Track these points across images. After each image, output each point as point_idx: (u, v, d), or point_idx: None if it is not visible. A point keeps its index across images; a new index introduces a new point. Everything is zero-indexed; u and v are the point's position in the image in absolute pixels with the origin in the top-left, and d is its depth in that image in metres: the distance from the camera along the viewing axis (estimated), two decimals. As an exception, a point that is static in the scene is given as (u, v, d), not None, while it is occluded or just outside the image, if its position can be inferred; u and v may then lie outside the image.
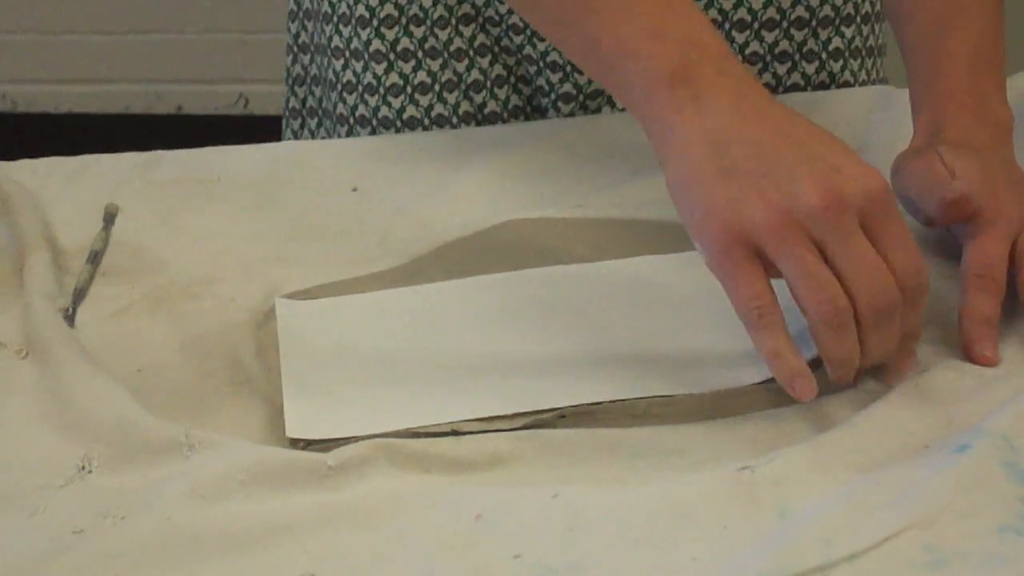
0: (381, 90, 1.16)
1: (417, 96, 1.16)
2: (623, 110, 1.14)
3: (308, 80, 1.24)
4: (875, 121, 1.09)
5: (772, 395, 0.84)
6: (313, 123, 1.24)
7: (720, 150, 0.81)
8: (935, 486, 0.75)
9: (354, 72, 1.17)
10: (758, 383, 0.85)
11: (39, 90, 2.99)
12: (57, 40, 2.95)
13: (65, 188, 1.08)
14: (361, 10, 1.16)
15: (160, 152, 1.12)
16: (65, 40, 2.94)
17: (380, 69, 1.16)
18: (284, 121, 1.28)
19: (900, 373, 0.84)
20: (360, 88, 1.17)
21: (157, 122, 2.95)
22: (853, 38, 1.17)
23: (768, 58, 1.15)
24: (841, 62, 1.17)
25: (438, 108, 1.16)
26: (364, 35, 1.16)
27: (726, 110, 0.82)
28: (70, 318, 0.95)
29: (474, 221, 1.02)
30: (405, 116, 1.16)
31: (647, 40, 0.85)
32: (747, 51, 1.14)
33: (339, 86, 1.19)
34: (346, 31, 1.17)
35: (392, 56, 1.16)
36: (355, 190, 1.07)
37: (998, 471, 0.76)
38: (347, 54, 1.17)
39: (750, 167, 0.81)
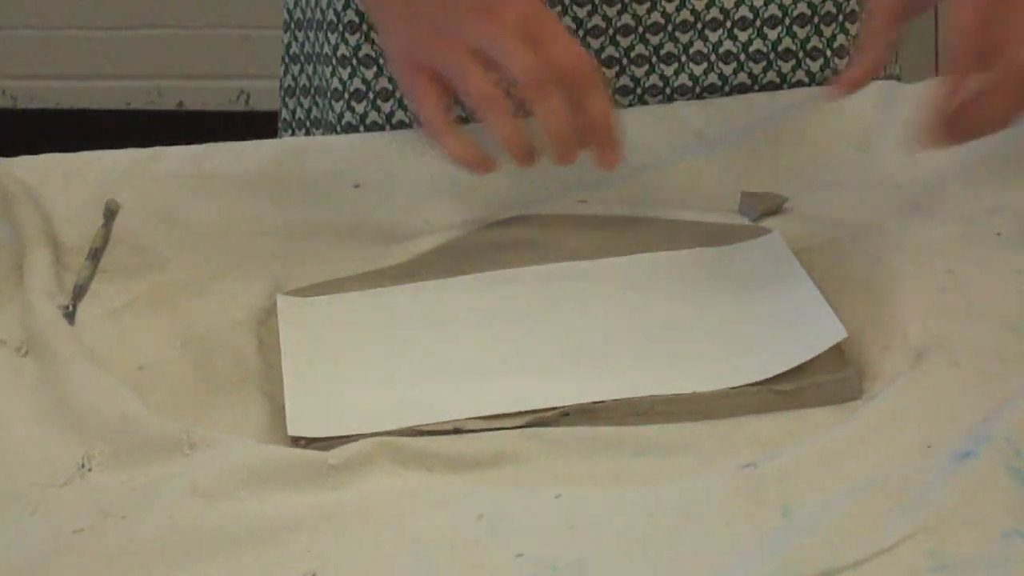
0: (371, 95, 1.16)
1: (406, 100, 1.15)
2: (628, 107, 1.14)
3: (298, 91, 1.24)
4: (882, 116, 1.09)
5: (776, 395, 0.84)
6: (301, 134, 1.24)
7: (411, 5, 0.99)
8: (940, 493, 0.75)
9: (340, 79, 1.17)
10: (762, 383, 0.84)
11: (39, 86, 2.99)
12: (57, 36, 2.95)
13: (65, 185, 1.08)
14: (351, 15, 1.16)
15: (161, 148, 1.12)
16: (65, 36, 2.95)
17: (370, 74, 1.16)
18: (278, 133, 1.27)
19: (603, 159, 0.94)
20: (347, 95, 1.17)
21: (158, 118, 2.96)
22: (858, 35, 1.16)
23: (772, 56, 1.14)
24: (847, 59, 1.16)
25: None
26: (353, 40, 1.16)
27: None
28: (70, 315, 0.95)
29: (477, 217, 1.02)
30: (394, 120, 1.16)
31: None
32: (751, 49, 1.14)
33: (328, 92, 1.19)
34: (333, 37, 1.17)
35: (381, 60, 1.15)
36: (357, 186, 1.07)
37: (1003, 476, 0.76)
38: (334, 61, 1.17)
39: (430, 11, 0.98)
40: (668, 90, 1.14)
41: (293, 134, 1.25)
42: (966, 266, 0.93)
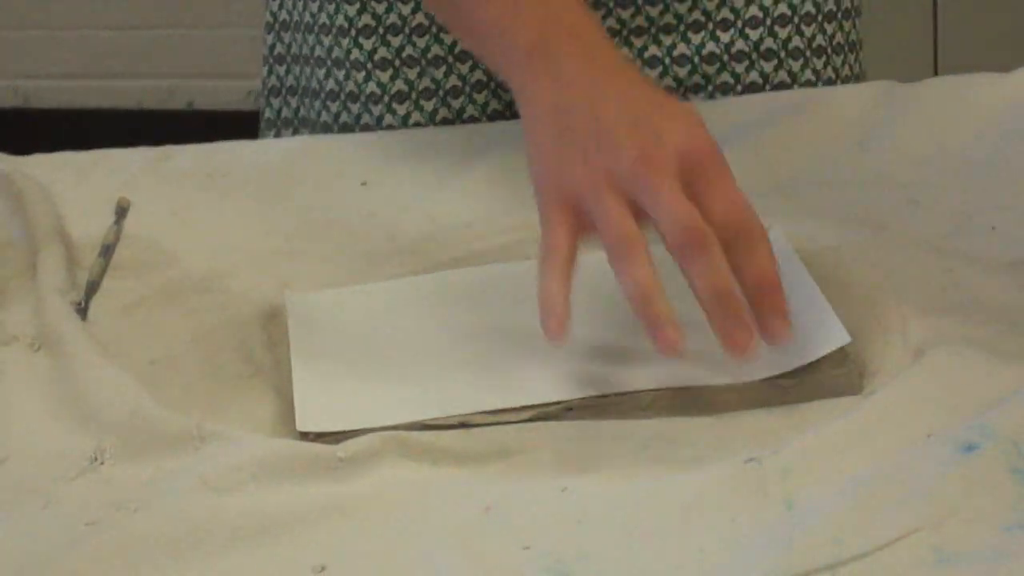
0: (362, 98, 1.16)
1: (395, 105, 1.15)
2: None
3: (284, 91, 1.23)
4: (880, 115, 1.09)
5: (777, 389, 0.84)
6: (288, 133, 1.23)
7: (561, 114, 0.88)
8: (943, 488, 0.75)
9: (336, 80, 1.17)
10: (765, 379, 0.85)
11: (51, 85, 2.99)
12: (69, 36, 2.95)
13: (77, 183, 1.08)
14: (340, 20, 1.15)
15: (172, 147, 1.12)
16: (77, 35, 2.95)
17: (360, 77, 1.16)
18: (260, 132, 1.27)
19: (774, 334, 0.84)
20: (343, 96, 1.17)
21: (169, 117, 2.95)
22: (834, 34, 1.17)
23: (754, 56, 1.14)
24: (824, 59, 1.16)
25: (416, 116, 1.15)
26: (344, 44, 1.16)
27: (575, 74, 0.89)
28: (82, 311, 0.95)
29: (483, 216, 1.02)
30: (384, 124, 1.16)
31: (508, 17, 0.93)
32: (733, 49, 1.14)
33: (322, 94, 1.18)
34: (327, 40, 1.17)
35: (370, 65, 1.15)
36: (364, 185, 1.07)
37: (1006, 477, 0.76)
38: (328, 63, 1.17)
39: (582, 130, 0.87)
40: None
41: (278, 134, 1.24)
42: (963, 261, 0.93)
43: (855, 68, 1.19)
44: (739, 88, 1.15)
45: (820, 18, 1.15)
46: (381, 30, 1.14)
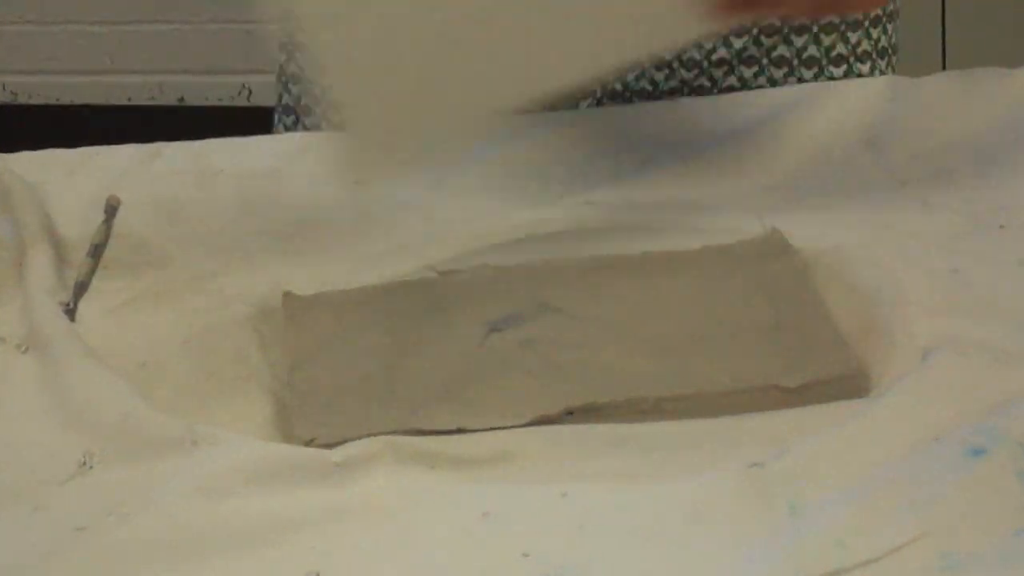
0: None
1: None
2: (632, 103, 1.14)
3: (305, 77, 1.24)
4: (888, 112, 1.09)
5: (782, 392, 0.84)
6: (308, 120, 1.24)
7: None
8: (950, 492, 0.75)
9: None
10: (767, 383, 0.84)
11: (40, 81, 2.99)
12: (58, 31, 2.95)
13: (66, 180, 1.08)
14: None
15: (162, 144, 1.12)
16: (66, 31, 2.95)
17: None
18: (276, 117, 1.27)
19: None
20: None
21: (159, 113, 2.96)
22: (859, 43, 1.16)
23: (764, 62, 1.14)
24: (845, 67, 1.16)
25: None
26: None
27: None
28: (71, 312, 0.95)
29: (482, 215, 1.01)
30: None
31: None
32: (745, 55, 1.14)
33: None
34: None
35: None
36: (358, 182, 1.06)
37: (1014, 481, 0.76)
38: None
39: None
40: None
41: (297, 120, 1.24)
42: (971, 261, 0.93)
43: (886, 73, 1.18)
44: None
45: (843, 27, 1.15)
46: None
